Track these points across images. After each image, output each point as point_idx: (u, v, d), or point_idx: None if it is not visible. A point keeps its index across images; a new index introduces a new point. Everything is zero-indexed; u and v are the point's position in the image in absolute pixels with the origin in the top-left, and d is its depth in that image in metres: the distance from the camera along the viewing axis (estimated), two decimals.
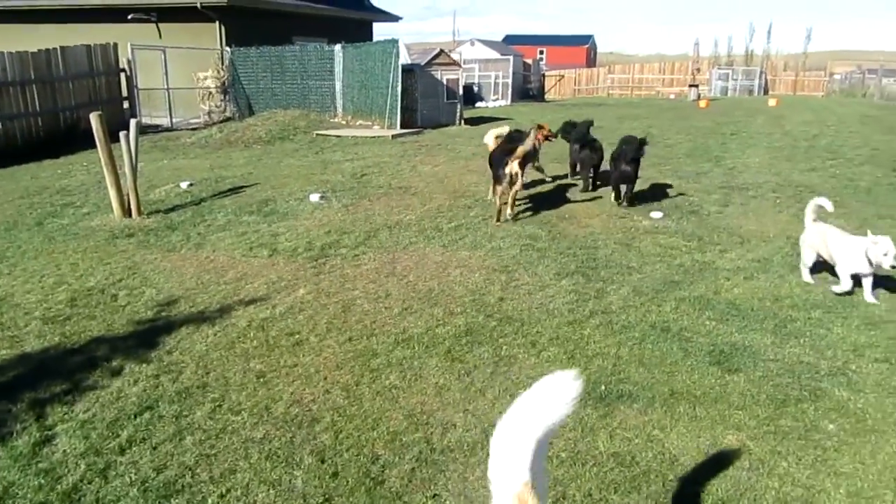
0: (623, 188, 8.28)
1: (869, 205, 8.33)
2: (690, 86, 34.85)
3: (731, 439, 3.35)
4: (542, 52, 62.45)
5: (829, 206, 5.58)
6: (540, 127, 9.24)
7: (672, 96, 38.22)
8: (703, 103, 27.14)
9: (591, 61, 68.86)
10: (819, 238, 5.51)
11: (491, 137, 8.72)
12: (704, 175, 10.39)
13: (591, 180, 9.31)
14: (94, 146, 8.03)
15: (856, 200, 8.58)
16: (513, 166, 7.35)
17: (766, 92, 39.60)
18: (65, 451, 3.28)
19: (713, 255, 6.32)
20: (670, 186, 9.43)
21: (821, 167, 11.08)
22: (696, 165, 11.29)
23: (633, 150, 8.05)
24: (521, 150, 7.50)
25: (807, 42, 55.76)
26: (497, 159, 7.72)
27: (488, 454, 3.19)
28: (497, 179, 7.56)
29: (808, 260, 5.65)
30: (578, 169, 9.50)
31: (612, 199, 8.41)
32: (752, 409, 3.61)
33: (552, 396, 1.73)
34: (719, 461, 3.18)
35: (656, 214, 7.73)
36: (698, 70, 40.77)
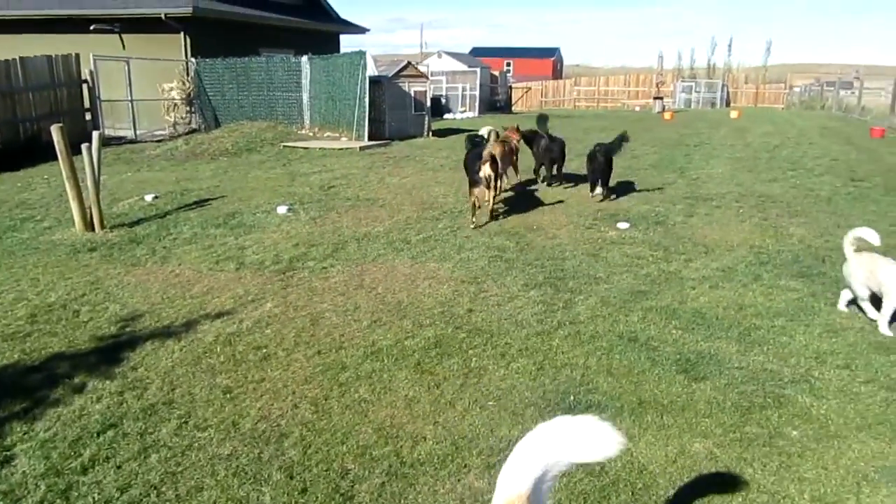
0: (599, 183, 9.39)
1: (829, 214, 8.53)
2: (655, 98, 35.42)
3: (699, 447, 3.38)
4: (509, 64, 62.95)
5: (874, 239, 4.89)
6: (517, 129, 9.79)
7: (637, 108, 38.78)
8: (667, 115, 27.60)
9: (557, 73, 69.58)
10: (866, 270, 4.91)
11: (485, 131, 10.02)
12: (670, 186, 10.55)
13: (552, 174, 10.61)
14: (55, 159, 7.88)
15: (816, 210, 8.77)
16: (485, 169, 7.59)
17: (728, 104, 40.41)
18: (24, 471, 3.20)
19: (679, 264, 6.40)
20: (637, 197, 9.56)
21: (782, 178, 11.31)
22: (662, 176, 11.46)
23: (605, 148, 9.28)
24: (486, 153, 7.73)
25: (766, 55, 57.01)
26: (470, 162, 8.06)
27: (459, 467, 3.20)
28: (473, 183, 7.80)
29: (862, 295, 5.01)
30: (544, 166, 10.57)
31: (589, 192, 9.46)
32: (719, 417, 3.66)
33: (583, 437, 1.69)
34: (687, 469, 3.21)
35: (623, 225, 7.82)
36: (663, 83, 41.46)
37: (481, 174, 7.58)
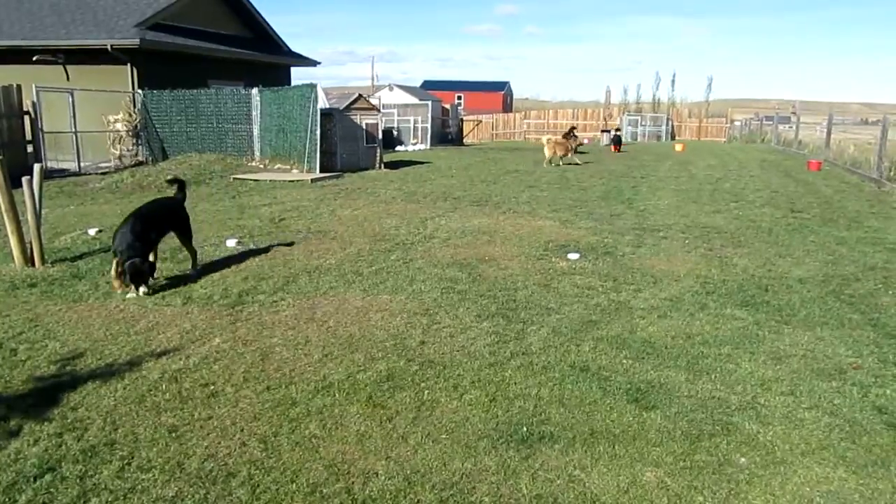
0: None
1: (771, 245, 8.78)
2: (603, 131, 36.24)
3: (650, 476, 3.40)
4: (459, 98, 63.87)
5: None
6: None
7: (586, 141, 39.58)
8: (614, 148, 28.21)
9: (507, 107, 70.74)
10: None
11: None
12: (618, 217, 10.74)
13: None
14: None
15: (758, 241, 9.03)
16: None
17: (672, 137, 41.58)
18: None
19: (628, 294, 6.50)
20: (586, 228, 9.70)
21: (725, 209, 11.64)
22: (610, 208, 11.67)
23: None
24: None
25: (708, 91, 59.25)
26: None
27: (411, 502, 3.15)
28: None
29: None
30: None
31: None
32: (669, 445, 3.69)
33: None
34: (639, 499, 3.22)
35: (573, 255, 7.92)
36: (610, 116, 42.47)
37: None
